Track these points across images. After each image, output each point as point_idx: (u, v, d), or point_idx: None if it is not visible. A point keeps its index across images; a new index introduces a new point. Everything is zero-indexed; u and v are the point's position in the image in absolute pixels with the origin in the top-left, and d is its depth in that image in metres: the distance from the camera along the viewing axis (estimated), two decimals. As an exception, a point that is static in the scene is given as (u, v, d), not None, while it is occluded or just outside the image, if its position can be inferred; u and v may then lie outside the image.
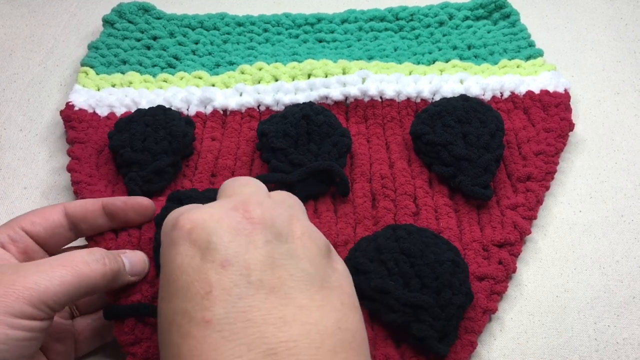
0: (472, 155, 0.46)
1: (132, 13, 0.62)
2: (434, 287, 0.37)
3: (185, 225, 0.28)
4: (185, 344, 0.25)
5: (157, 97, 0.54)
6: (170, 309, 0.26)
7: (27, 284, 0.29)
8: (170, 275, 0.27)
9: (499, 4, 0.63)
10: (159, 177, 0.46)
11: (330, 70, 0.55)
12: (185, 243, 0.27)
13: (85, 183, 0.46)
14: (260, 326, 0.24)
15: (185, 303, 0.26)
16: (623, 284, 0.43)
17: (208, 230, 0.27)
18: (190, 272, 0.26)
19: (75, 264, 0.31)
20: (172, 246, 0.28)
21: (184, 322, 0.25)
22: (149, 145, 0.46)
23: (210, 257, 0.26)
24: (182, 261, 0.27)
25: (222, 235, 0.27)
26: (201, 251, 0.27)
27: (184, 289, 0.26)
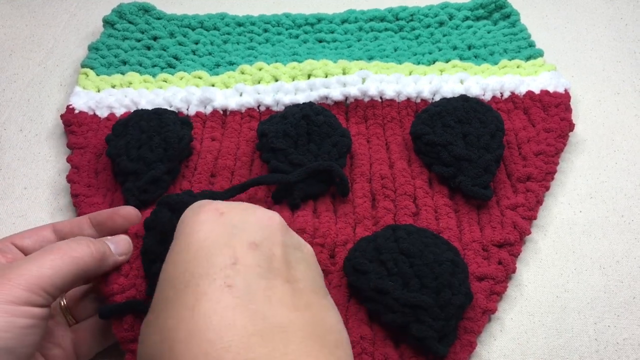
0: (472, 155, 0.46)
1: (133, 13, 0.62)
2: (434, 287, 0.37)
3: (219, 209, 0.30)
4: (200, 304, 0.25)
5: (157, 97, 0.54)
6: (187, 272, 0.27)
7: (21, 272, 0.30)
8: (190, 243, 0.28)
9: (499, 4, 0.63)
10: (155, 186, 0.46)
11: (330, 71, 0.55)
12: (215, 221, 0.29)
13: (83, 196, 0.46)
14: (275, 304, 0.26)
15: (207, 269, 0.27)
16: (623, 284, 0.43)
17: (240, 216, 0.30)
18: (216, 244, 0.28)
19: (62, 249, 0.32)
20: (198, 220, 0.29)
21: (204, 285, 0.26)
22: (144, 153, 0.46)
23: (239, 237, 0.28)
24: (208, 234, 0.28)
25: (252, 223, 0.29)
26: (229, 230, 0.28)
27: (207, 257, 0.27)
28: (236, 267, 0.27)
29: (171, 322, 0.26)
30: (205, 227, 0.29)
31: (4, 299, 0.29)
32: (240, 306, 0.25)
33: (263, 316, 0.25)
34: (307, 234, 0.42)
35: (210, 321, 0.25)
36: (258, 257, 0.28)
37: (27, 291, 0.30)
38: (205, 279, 0.26)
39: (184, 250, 0.28)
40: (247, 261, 0.27)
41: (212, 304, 0.25)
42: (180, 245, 0.29)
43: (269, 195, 0.46)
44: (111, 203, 0.46)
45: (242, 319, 0.25)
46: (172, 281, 0.28)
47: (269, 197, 0.46)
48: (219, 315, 0.25)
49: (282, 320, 0.26)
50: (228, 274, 0.26)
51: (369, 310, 0.39)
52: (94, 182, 0.47)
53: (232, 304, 0.25)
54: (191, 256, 0.28)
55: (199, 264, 0.27)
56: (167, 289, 0.28)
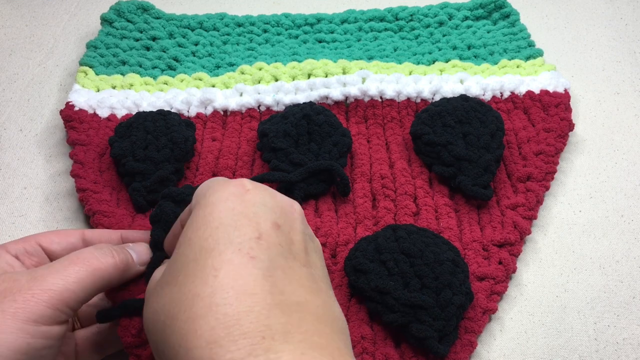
0: (472, 155, 0.46)
1: (131, 12, 0.62)
2: (434, 287, 0.37)
3: (245, 185, 0.30)
4: (224, 268, 0.26)
5: (158, 99, 0.54)
6: (210, 238, 0.27)
7: (45, 287, 0.29)
8: (216, 212, 0.28)
9: (499, 4, 0.63)
10: (163, 186, 0.46)
11: (330, 70, 0.55)
12: (241, 195, 0.29)
13: (91, 191, 0.46)
14: (293, 283, 0.27)
15: (232, 237, 0.27)
16: (623, 284, 0.43)
17: (265, 196, 0.30)
18: (243, 216, 0.28)
19: (87, 260, 0.32)
20: (226, 190, 0.29)
21: (229, 252, 0.26)
22: (151, 153, 0.46)
23: (264, 215, 0.29)
24: (235, 206, 0.28)
25: (275, 205, 0.30)
26: (254, 207, 0.29)
27: (233, 226, 0.27)
28: (260, 241, 0.27)
29: (193, 283, 0.26)
30: (232, 198, 0.29)
31: (26, 317, 0.28)
32: (262, 278, 0.26)
33: (281, 291, 0.26)
34: (308, 233, 0.42)
35: (232, 285, 0.25)
36: (280, 237, 0.28)
37: (51, 308, 0.29)
38: (230, 247, 0.27)
39: (208, 217, 0.28)
40: (270, 238, 0.28)
41: (236, 271, 0.26)
42: (205, 211, 0.29)
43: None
44: (118, 202, 0.46)
45: (263, 289, 0.26)
46: (194, 245, 0.28)
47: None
48: (241, 281, 0.25)
49: (298, 299, 0.26)
50: (252, 246, 0.27)
51: (369, 310, 0.39)
52: (99, 179, 0.47)
53: (254, 274, 0.26)
54: (216, 223, 0.28)
55: (224, 231, 0.27)
56: (188, 251, 0.27)
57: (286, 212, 0.30)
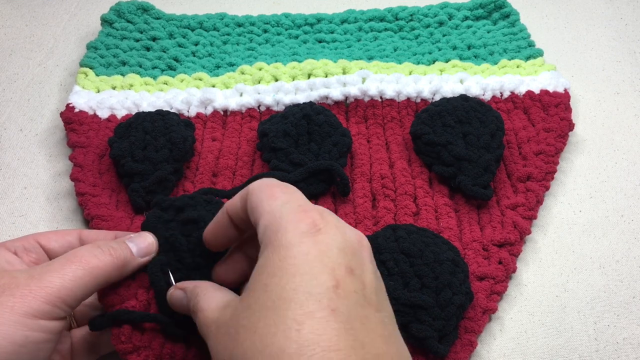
0: (472, 155, 0.46)
1: (131, 12, 0.62)
2: (434, 287, 0.37)
3: (317, 224, 0.29)
4: (308, 322, 0.26)
5: (158, 99, 0.54)
6: (288, 286, 0.27)
7: (42, 284, 0.30)
8: (290, 257, 0.28)
9: (499, 4, 0.63)
10: (161, 187, 0.46)
11: (330, 70, 0.55)
12: (314, 236, 0.28)
13: (89, 195, 0.46)
14: (372, 334, 0.27)
15: (311, 287, 0.27)
16: (623, 283, 0.43)
17: (336, 236, 0.29)
18: (318, 263, 0.27)
19: (84, 258, 0.32)
20: (298, 230, 0.28)
21: (310, 304, 0.26)
22: (150, 154, 0.46)
23: (338, 260, 0.28)
24: (310, 250, 0.28)
25: (346, 245, 0.29)
26: (328, 251, 0.28)
27: (311, 275, 0.27)
28: (338, 291, 0.27)
29: (275, 336, 0.26)
30: (305, 240, 0.28)
31: (24, 311, 0.29)
32: (344, 332, 0.26)
33: (362, 345, 0.26)
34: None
35: (317, 342, 0.25)
36: (355, 284, 0.28)
37: (48, 304, 0.29)
38: (310, 298, 0.26)
39: (283, 262, 0.28)
40: (347, 286, 0.27)
41: (319, 325, 0.26)
42: (279, 255, 0.28)
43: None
44: (117, 204, 0.46)
45: (346, 345, 0.26)
46: (271, 292, 0.27)
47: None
48: (325, 337, 0.25)
49: (377, 351, 0.26)
50: (331, 297, 0.27)
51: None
52: (98, 182, 0.47)
53: (336, 328, 0.26)
54: (293, 270, 0.27)
55: (302, 280, 0.27)
56: (265, 298, 0.27)
57: (356, 253, 0.29)
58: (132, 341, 0.34)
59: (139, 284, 0.36)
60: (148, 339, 0.34)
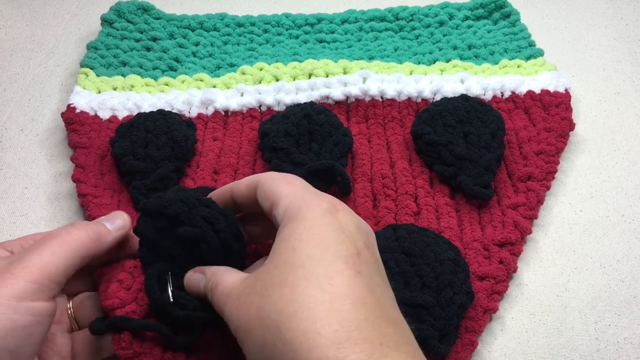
0: (473, 155, 0.46)
1: (131, 12, 0.62)
2: (435, 286, 0.37)
3: (335, 205, 0.32)
4: (338, 278, 0.28)
5: (159, 100, 0.54)
6: (316, 249, 0.29)
7: (22, 265, 0.30)
8: (317, 226, 0.30)
9: (499, 4, 0.63)
10: (163, 184, 0.46)
11: (331, 70, 0.55)
12: (334, 214, 0.31)
13: (91, 196, 0.46)
14: (387, 301, 0.29)
15: (338, 251, 0.29)
16: (624, 283, 0.43)
17: (351, 218, 0.32)
18: (341, 234, 0.30)
19: (58, 235, 0.33)
20: (321, 206, 0.31)
21: (337, 263, 0.29)
22: (151, 152, 0.46)
23: (357, 235, 0.31)
24: (332, 222, 0.30)
25: (361, 226, 0.32)
26: (346, 227, 0.31)
27: (334, 241, 0.29)
28: (360, 257, 0.29)
29: (307, 287, 0.28)
30: (328, 215, 0.31)
31: (8, 294, 0.29)
32: (369, 291, 0.28)
33: (383, 306, 0.28)
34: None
35: (348, 294, 0.27)
36: (371, 257, 0.30)
37: (32, 282, 0.30)
38: (338, 260, 0.29)
39: (310, 230, 0.30)
40: (366, 257, 0.30)
41: (348, 281, 0.28)
42: (305, 224, 0.30)
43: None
44: (118, 204, 0.46)
45: (371, 302, 0.28)
46: (300, 253, 0.29)
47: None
48: (355, 292, 0.28)
49: (394, 316, 0.29)
50: (355, 261, 0.29)
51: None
52: (100, 183, 0.47)
53: (363, 286, 0.28)
54: (320, 236, 0.29)
55: (329, 244, 0.29)
56: (294, 258, 0.29)
57: (368, 234, 0.32)
58: (132, 347, 0.34)
59: (139, 287, 0.35)
60: (149, 346, 0.34)
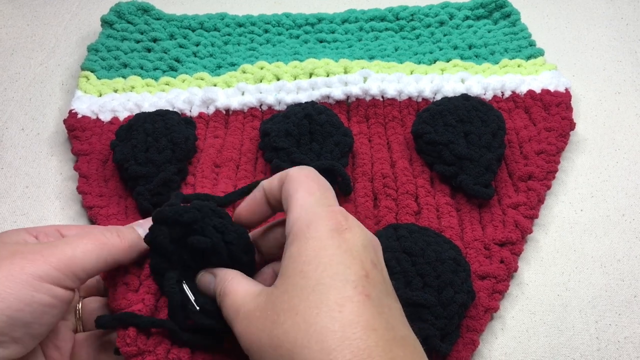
0: (473, 154, 0.46)
1: (131, 13, 0.62)
2: (436, 286, 0.37)
3: (342, 223, 0.31)
4: (348, 305, 0.28)
5: (160, 99, 0.54)
6: (325, 273, 0.29)
7: (54, 252, 0.31)
8: (323, 247, 0.30)
9: (500, 4, 0.63)
10: (167, 188, 0.46)
11: (332, 70, 0.55)
12: (341, 234, 0.31)
13: (97, 207, 0.46)
14: (397, 319, 0.30)
15: (346, 275, 0.29)
16: (624, 282, 0.43)
17: (358, 235, 0.31)
18: (349, 256, 0.30)
19: (94, 235, 0.34)
20: (327, 226, 0.31)
21: (347, 289, 0.29)
22: (152, 156, 0.46)
23: (363, 254, 0.30)
24: (340, 244, 0.30)
25: (368, 243, 0.31)
26: (354, 247, 0.30)
27: (342, 265, 0.29)
28: (368, 279, 0.29)
29: (318, 316, 0.28)
30: (335, 235, 0.30)
31: (33, 273, 0.30)
32: (378, 315, 0.28)
33: (392, 327, 0.29)
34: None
35: (358, 321, 0.28)
36: (379, 276, 0.30)
37: (57, 270, 0.31)
38: (348, 285, 0.29)
39: (318, 252, 0.30)
40: (374, 277, 0.30)
41: (358, 309, 0.28)
42: (312, 245, 0.30)
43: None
44: (125, 210, 0.46)
45: (381, 326, 0.28)
46: (310, 278, 0.29)
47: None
48: (364, 319, 0.28)
49: (402, 334, 0.29)
50: (364, 284, 0.29)
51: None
52: (105, 191, 0.47)
53: (372, 311, 0.28)
54: (327, 260, 0.29)
55: (338, 268, 0.29)
56: (304, 283, 0.29)
57: (376, 250, 0.32)
58: (137, 344, 0.34)
59: (147, 289, 0.36)
60: (153, 344, 0.34)
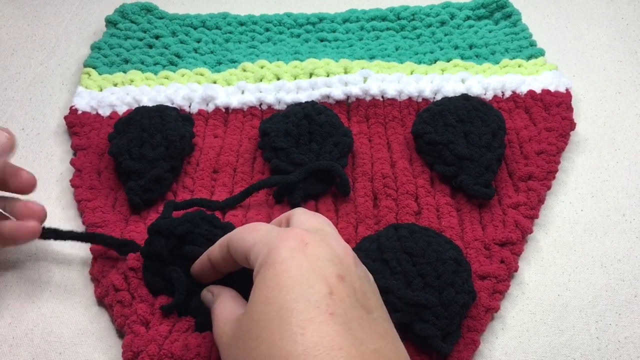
0: (473, 154, 0.46)
1: (135, 13, 0.62)
2: (437, 286, 0.37)
3: (303, 239, 0.31)
4: (310, 327, 0.28)
5: (159, 94, 0.54)
6: (288, 297, 0.29)
7: None
8: (285, 270, 0.30)
9: (501, 4, 0.63)
10: (158, 185, 0.46)
11: (332, 70, 0.55)
12: (302, 251, 0.31)
13: (85, 200, 0.46)
14: (368, 332, 0.29)
15: (309, 295, 0.29)
16: (625, 282, 0.43)
17: (322, 248, 0.31)
18: (311, 274, 0.30)
19: None
20: (287, 247, 0.31)
21: (310, 311, 0.28)
22: (146, 152, 0.46)
23: (328, 269, 0.30)
24: (302, 263, 0.30)
25: (333, 255, 0.31)
26: (317, 262, 0.30)
27: (305, 285, 0.29)
28: (333, 296, 0.29)
29: (282, 341, 0.28)
30: (296, 255, 0.30)
31: None
32: (343, 332, 0.28)
33: (361, 341, 0.28)
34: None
35: (321, 343, 0.27)
36: (346, 289, 0.30)
37: None
38: (310, 306, 0.29)
39: (280, 276, 0.30)
40: (339, 292, 0.30)
41: (321, 329, 0.28)
42: (275, 270, 0.30)
43: (270, 193, 0.46)
44: (114, 203, 0.46)
45: (347, 344, 0.28)
46: (273, 304, 0.29)
47: (270, 196, 0.46)
48: (328, 339, 0.27)
49: (375, 347, 0.28)
50: (328, 303, 0.29)
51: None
52: (96, 184, 0.47)
53: (337, 329, 0.28)
54: (290, 282, 0.29)
55: (300, 290, 0.29)
56: (268, 309, 0.29)
57: (343, 261, 0.31)
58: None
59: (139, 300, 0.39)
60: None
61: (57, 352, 0.39)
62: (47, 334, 0.40)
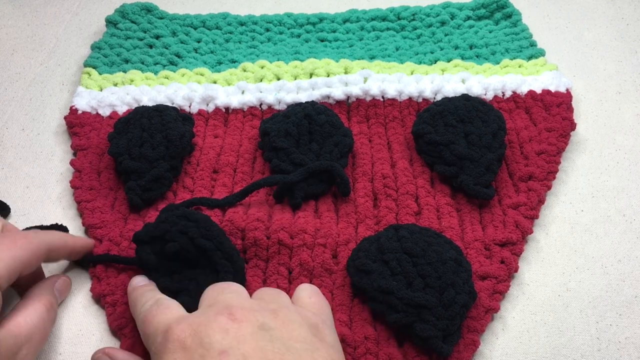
0: (474, 154, 0.46)
1: (135, 13, 0.62)
2: (437, 286, 0.37)
3: (179, 337, 0.31)
4: None
5: (159, 94, 0.54)
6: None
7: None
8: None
9: (501, 4, 0.63)
10: (158, 184, 0.46)
11: (332, 70, 0.55)
12: (180, 351, 0.30)
13: (84, 201, 0.46)
14: None
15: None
16: (625, 283, 0.43)
17: (200, 335, 0.31)
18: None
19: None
20: (168, 355, 0.31)
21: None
22: (146, 151, 0.46)
23: (208, 353, 0.30)
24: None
25: (213, 335, 0.31)
26: (197, 352, 0.30)
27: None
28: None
29: None
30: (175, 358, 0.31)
31: None
32: None
33: None
34: (308, 234, 0.43)
35: None
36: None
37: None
38: None
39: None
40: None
41: None
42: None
43: (271, 193, 0.46)
44: (113, 203, 0.46)
45: None
46: None
47: (270, 197, 0.46)
48: None
49: None
50: None
51: (372, 310, 0.39)
52: (96, 184, 0.47)
53: None
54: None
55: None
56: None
57: (227, 334, 0.31)
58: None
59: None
60: None
61: (57, 353, 0.39)
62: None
